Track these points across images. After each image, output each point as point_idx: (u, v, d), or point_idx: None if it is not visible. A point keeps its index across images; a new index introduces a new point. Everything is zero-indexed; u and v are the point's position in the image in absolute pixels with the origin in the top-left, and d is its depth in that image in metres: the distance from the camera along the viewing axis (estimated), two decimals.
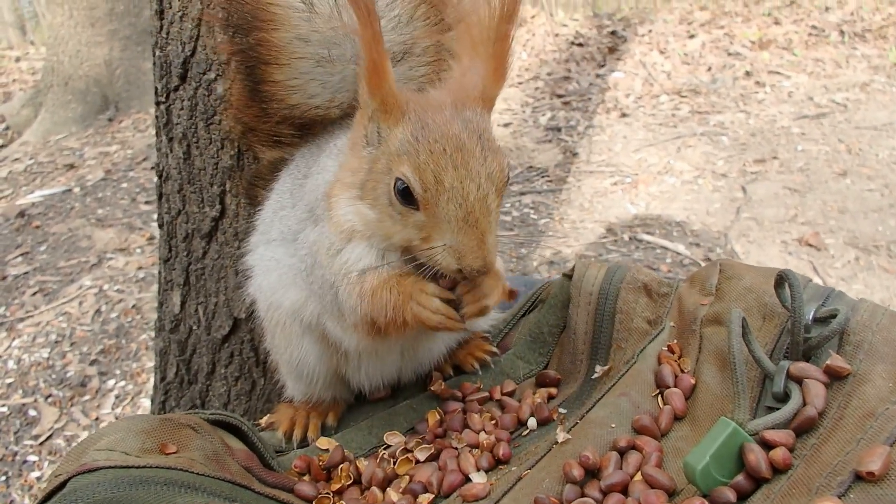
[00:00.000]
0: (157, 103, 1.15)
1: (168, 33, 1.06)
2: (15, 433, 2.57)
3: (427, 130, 0.72)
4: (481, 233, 0.72)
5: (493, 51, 0.75)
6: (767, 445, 0.64)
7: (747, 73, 4.73)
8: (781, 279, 0.73)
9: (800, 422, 0.65)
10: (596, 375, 0.80)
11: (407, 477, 0.84)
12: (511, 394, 0.93)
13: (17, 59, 6.31)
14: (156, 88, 1.14)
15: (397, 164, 0.73)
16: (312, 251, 0.84)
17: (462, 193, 0.71)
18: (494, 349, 1.02)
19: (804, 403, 0.66)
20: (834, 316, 0.72)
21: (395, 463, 0.86)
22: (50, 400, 2.68)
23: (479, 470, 0.81)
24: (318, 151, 0.91)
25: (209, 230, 1.19)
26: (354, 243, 0.80)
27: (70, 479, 0.68)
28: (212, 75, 1.04)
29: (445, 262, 0.74)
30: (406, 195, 0.73)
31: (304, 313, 0.91)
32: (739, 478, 0.63)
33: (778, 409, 0.67)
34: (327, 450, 0.91)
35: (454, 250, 0.73)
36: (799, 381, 0.68)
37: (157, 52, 1.09)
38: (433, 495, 0.80)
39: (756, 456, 0.62)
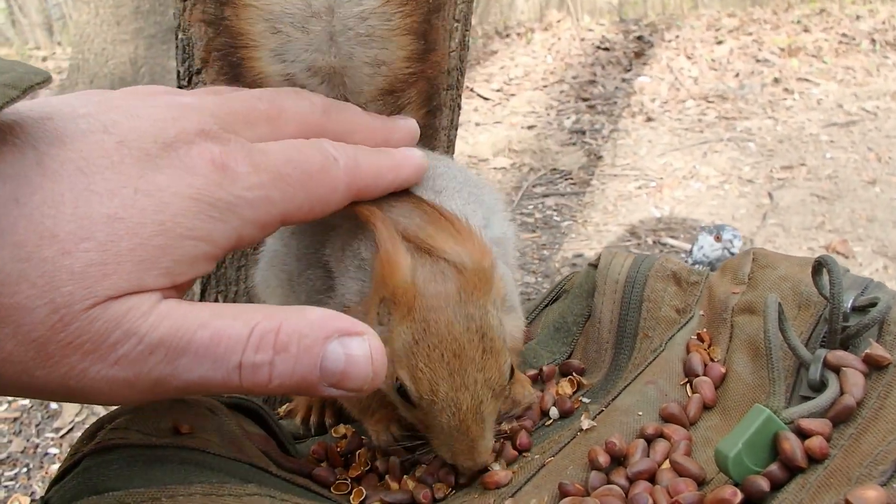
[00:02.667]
0: (179, 86, 1.14)
1: (192, 15, 1.06)
2: (36, 426, 2.59)
3: (428, 334, 0.72)
4: (472, 440, 0.73)
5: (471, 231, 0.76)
6: (803, 434, 0.61)
7: (776, 80, 4.69)
8: (819, 265, 0.70)
9: (837, 411, 0.62)
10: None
11: (423, 466, 0.82)
12: (533, 383, 0.91)
13: (44, 59, 6.40)
14: (178, 72, 1.13)
15: (398, 365, 0.73)
16: None
17: (455, 403, 0.72)
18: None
19: (842, 392, 0.63)
20: (874, 304, 0.69)
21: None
22: None
23: (497, 459, 0.79)
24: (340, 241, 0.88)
25: None
26: None
27: (85, 457, 0.67)
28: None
29: (440, 453, 0.76)
30: (404, 394, 0.74)
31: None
32: (773, 467, 0.60)
33: (814, 398, 0.65)
34: (345, 436, 0.90)
35: (446, 449, 0.75)
36: (836, 369, 0.65)
37: (180, 35, 1.08)
38: (450, 486, 0.78)
39: (791, 444, 0.60)
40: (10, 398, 2.65)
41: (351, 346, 0.58)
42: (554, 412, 0.85)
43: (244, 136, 0.62)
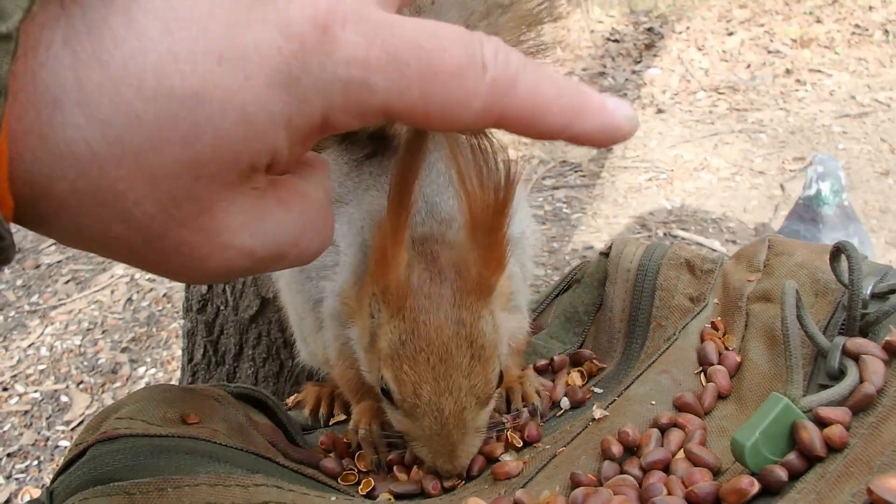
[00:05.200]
0: None
1: None
2: (47, 418, 2.60)
3: (415, 336, 0.71)
4: (452, 444, 0.73)
5: (489, 241, 0.71)
6: (822, 423, 0.59)
7: (787, 71, 4.64)
8: (838, 251, 0.69)
9: (857, 399, 0.61)
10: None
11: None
12: (544, 373, 0.90)
13: None
14: None
15: (383, 365, 0.73)
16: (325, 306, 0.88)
17: (437, 408, 0.71)
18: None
19: (861, 380, 0.62)
20: (893, 291, 0.67)
21: None
22: (82, 386, 2.70)
23: (507, 451, 0.78)
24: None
25: None
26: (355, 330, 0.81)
27: (90, 447, 0.66)
28: None
29: (420, 454, 0.76)
30: (387, 395, 0.74)
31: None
32: (791, 456, 0.59)
33: (832, 386, 0.63)
34: (349, 418, 0.89)
35: (426, 452, 0.75)
36: (855, 357, 0.64)
37: None
38: (459, 477, 0.77)
39: (810, 433, 0.58)
40: (20, 392, 2.66)
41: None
42: (565, 402, 0.84)
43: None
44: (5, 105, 0.40)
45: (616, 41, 5.14)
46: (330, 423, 0.94)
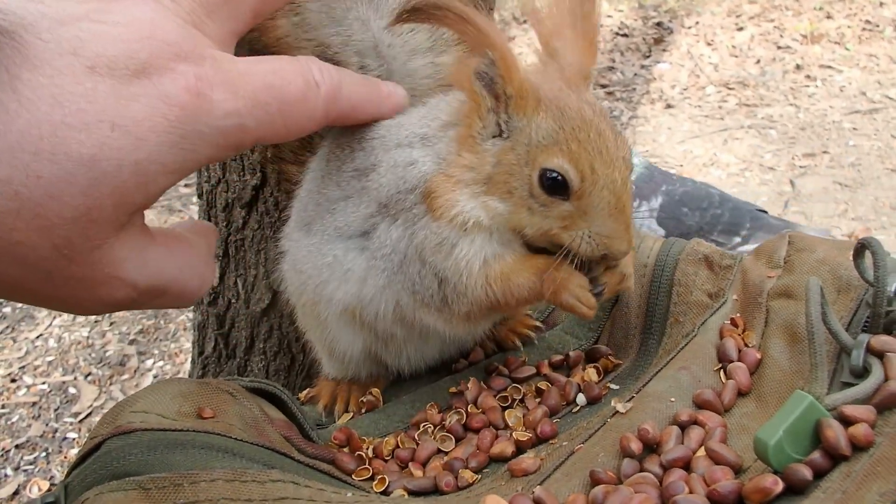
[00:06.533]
0: None
1: None
2: (55, 410, 2.60)
3: (567, 118, 0.71)
4: (627, 217, 0.72)
5: (580, 30, 0.75)
6: (846, 421, 0.58)
7: (797, 67, 4.61)
8: (862, 247, 0.68)
9: (882, 397, 0.60)
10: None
11: (444, 453, 0.81)
12: (559, 368, 0.89)
13: None
14: None
15: (545, 155, 0.71)
16: (402, 249, 0.80)
17: (612, 179, 0.71)
18: (538, 324, 0.98)
19: (886, 378, 0.61)
20: None
21: (435, 437, 0.83)
22: (89, 378, 2.70)
23: (516, 447, 0.78)
24: (366, 144, 0.83)
25: (250, 199, 1.16)
26: (472, 236, 0.77)
27: (105, 441, 0.65)
28: None
29: (590, 248, 0.73)
30: (554, 186, 0.72)
31: (369, 308, 0.87)
32: (816, 455, 0.58)
33: (856, 384, 0.62)
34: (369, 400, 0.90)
35: (601, 236, 0.73)
36: (880, 355, 0.63)
37: None
38: (475, 473, 0.76)
39: (835, 432, 0.57)
40: (28, 383, 2.66)
41: None
42: (581, 399, 0.83)
43: (224, 28, 0.61)
44: None
45: (625, 36, 5.12)
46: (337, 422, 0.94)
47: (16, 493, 2.29)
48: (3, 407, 2.58)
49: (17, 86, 0.49)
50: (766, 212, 2.35)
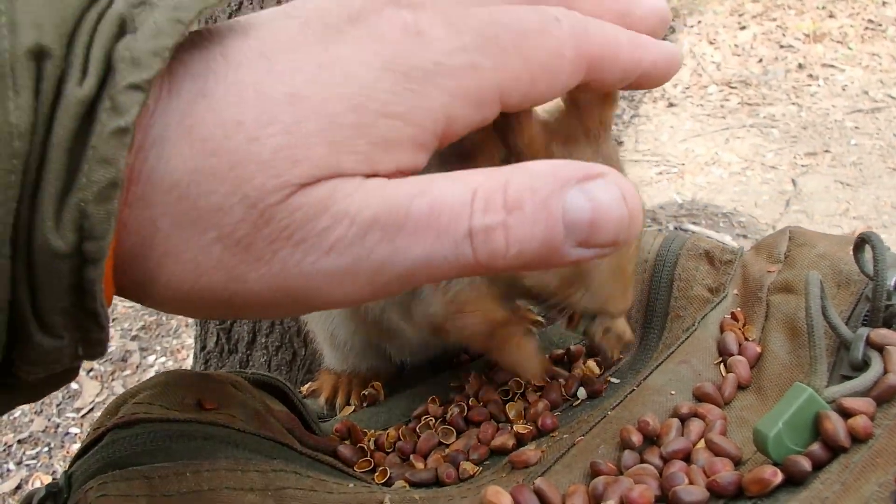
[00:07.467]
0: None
1: None
2: (57, 406, 2.61)
3: None
4: (627, 279, 0.70)
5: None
6: (846, 414, 0.59)
7: (800, 66, 4.61)
8: (862, 241, 0.68)
9: (881, 390, 0.60)
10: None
11: (445, 446, 0.81)
12: (560, 362, 0.90)
13: None
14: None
15: None
16: None
17: None
18: (540, 318, 0.98)
19: (885, 371, 0.61)
20: None
21: (436, 430, 0.83)
22: (92, 374, 2.71)
23: (517, 440, 0.78)
24: None
25: None
26: None
27: (108, 431, 0.66)
28: None
29: (584, 304, 0.71)
30: None
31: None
32: (815, 446, 0.58)
33: (855, 377, 0.63)
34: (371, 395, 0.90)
35: (598, 296, 0.70)
36: (879, 348, 0.63)
37: None
38: (476, 465, 0.77)
39: (834, 424, 0.58)
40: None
41: (594, 192, 0.47)
42: (582, 392, 0.84)
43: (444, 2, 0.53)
44: (120, 197, 0.42)
45: None
46: (338, 415, 0.94)
47: (18, 487, 2.29)
48: None
49: (227, 52, 0.46)
50: None
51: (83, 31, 0.42)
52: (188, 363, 2.62)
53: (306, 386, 1.03)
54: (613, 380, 0.84)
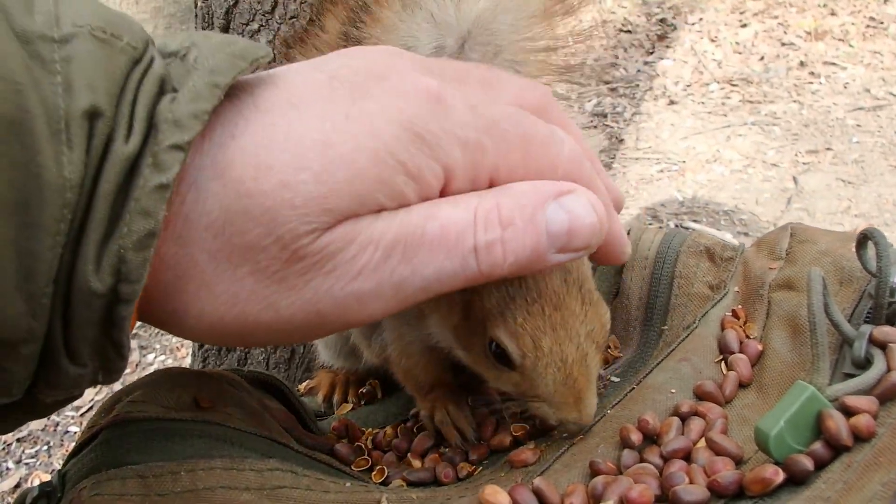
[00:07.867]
0: None
1: None
2: None
3: (524, 288, 0.67)
4: (578, 392, 0.68)
5: None
6: (848, 412, 0.58)
7: (801, 64, 4.60)
8: (865, 238, 0.67)
9: (884, 388, 0.59)
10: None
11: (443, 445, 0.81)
12: None
13: None
14: None
15: (492, 325, 0.68)
16: None
17: (561, 357, 0.67)
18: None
19: (888, 369, 0.61)
20: None
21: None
22: None
23: (515, 439, 0.77)
24: None
25: None
26: (427, 318, 0.78)
27: (102, 430, 0.65)
28: (255, 26, 1.01)
29: (541, 413, 0.71)
30: (499, 356, 0.69)
31: None
32: (817, 445, 0.57)
33: (858, 375, 0.62)
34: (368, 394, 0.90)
35: (551, 406, 0.70)
36: (882, 346, 0.63)
37: (199, 3, 1.07)
38: (473, 465, 0.76)
39: (836, 423, 0.57)
40: None
41: (570, 205, 0.55)
42: None
43: (472, 88, 0.59)
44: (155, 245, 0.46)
45: (628, 32, 5.10)
46: (336, 413, 0.93)
47: (17, 485, 2.29)
48: None
49: (257, 101, 0.51)
50: None
51: (129, 91, 0.46)
52: (187, 361, 2.62)
53: (304, 384, 1.03)
54: (614, 378, 0.84)
